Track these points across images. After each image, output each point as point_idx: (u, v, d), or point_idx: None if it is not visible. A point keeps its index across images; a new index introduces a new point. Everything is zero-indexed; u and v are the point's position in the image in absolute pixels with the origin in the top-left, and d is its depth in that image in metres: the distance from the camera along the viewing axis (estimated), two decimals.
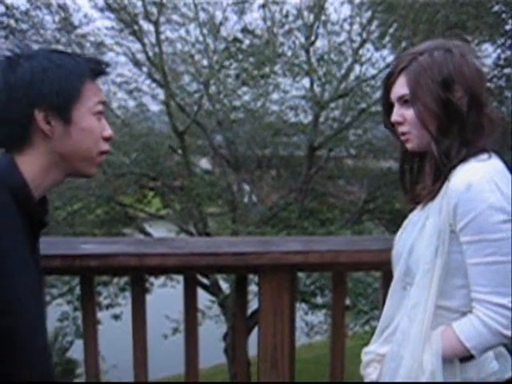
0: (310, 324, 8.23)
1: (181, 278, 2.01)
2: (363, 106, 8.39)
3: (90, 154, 1.32)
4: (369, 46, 8.29)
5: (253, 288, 3.51)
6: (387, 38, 8.23)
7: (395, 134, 1.53)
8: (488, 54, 7.97)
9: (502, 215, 1.30)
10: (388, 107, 1.53)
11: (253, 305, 3.13)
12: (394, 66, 1.49)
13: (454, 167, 1.38)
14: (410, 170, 1.60)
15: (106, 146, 1.35)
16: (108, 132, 1.35)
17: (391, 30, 8.11)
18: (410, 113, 1.43)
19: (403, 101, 1.45)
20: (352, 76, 8.49)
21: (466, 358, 1.39)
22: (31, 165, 1.26)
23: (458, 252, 1.36)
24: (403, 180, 1.62)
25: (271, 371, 1.97)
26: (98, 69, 1.34)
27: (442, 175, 1.40)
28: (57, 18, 8.27)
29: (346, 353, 2.06)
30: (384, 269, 1.84)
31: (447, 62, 1.39)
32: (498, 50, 7.88)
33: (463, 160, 1.37)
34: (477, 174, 1.33)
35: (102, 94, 1.34)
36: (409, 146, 1.49)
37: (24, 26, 8.23)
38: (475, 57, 1.43)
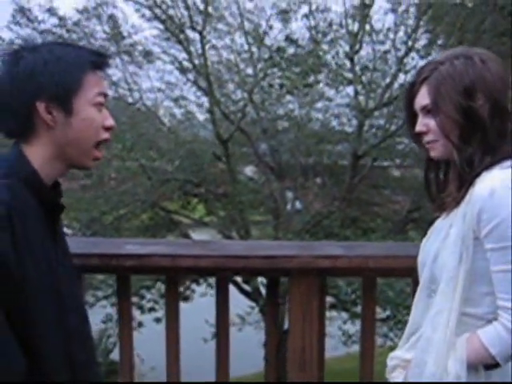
0: (347, 333, 8.15)
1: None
2: None
3: (89, 144, 1.35)
4: (413, 54, 8.21)
5: None
6: (433, 46, 8.14)
7: (419, 143, 1.55)
8: None
9: None
10: (411, 117, 1.54)
11: None
12: (416, 77, 1.51)
13: (478, 175, 1.38)
14: (435, 178, 1.62)
15: (105, 135, 1.38)
16: (109, 122, 1.38)
17: (440, 41, 8.02)
18: (433, 122, 1.45)
19: (426, 111, 1.47)
20: (396, 84, 8.42)
21: (492, 365, 1.39)
22: (38, 155, 1.31)
23: (483, 259, 1.36)
24: (429, 188, 1.63)
25: (299, 374, 2.00)
26: (99, 61, 1.37)
27: (465, 183, 1.41)
28: (106, 28, 8.52)
29: (375, 358, 2.07)
30: (415, 275, 1.85)
31: (468, 70, 1.40)
32: None
33: (487, 168, 1.38)
34: (500, 181, 1.33)
35: (103, 85, 1.37)
36: (433, 154, 1.51)
37: (75, 37, 8.52)
38: (498, 63, 1.43)
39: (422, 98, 1.47)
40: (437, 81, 1.42)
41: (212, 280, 8.07)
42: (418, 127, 1.49)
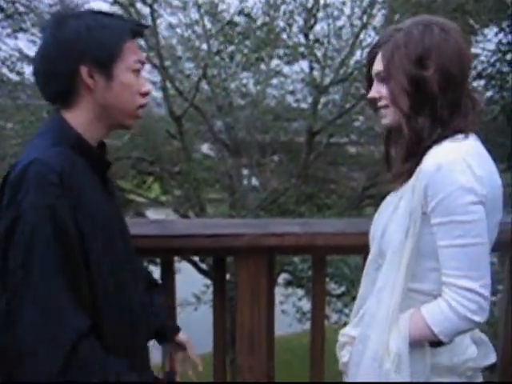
0: (301, 310, 8.15)
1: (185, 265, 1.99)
2: (364, 91, 8.26)
3: (128, 106, 1.41)
4: (370, 31, 8.16)
5: None
6: (390, 23, 8.09)
7: (376, 109, 1.51)
8: (490, 38, 7.88)
9: (471, 196, 1.25)
10: (370, 82, 1.51)
11: None
12: (375, 43, 1.47)
13: (428, 148, 1.34)
14: (395, 150, 1.57)
15: (143, 101, 1.44)
16: (146, 88, 1.44)
17: (397, 16, 7.99)
18: (385, 89, 1.42)
19: (380, 77, 1.43)
20: (352, 61, 8.37)
21: (438, 342, 1.36)
22: (79, 119, 1.36)
23: (430, 234, 1.33)
24: (388, 160, 1.59)
25: (248, 356, 1.95)
26: (137, 29, 1.44)
27: (412, 155, 1.36)
28: (52, 1, 8.18)
29: (331, 334, 2.04)
30: (366, 251, 1.81)
31: (423, 39, 1.35)
32: (500, 35, 7.76)
33: (437, 141, 1.34)
34: (448, 155, 1.29)
35: (140, 53, 1.43)
36: (385, 121, 1.47)
37: (21, 9, 8.16)
38: (459, 35, 1.38)
39: (377, 64, 1.43)
40: (391, 48, 1.38)
41: None
42: (371, 93, 1.46)
